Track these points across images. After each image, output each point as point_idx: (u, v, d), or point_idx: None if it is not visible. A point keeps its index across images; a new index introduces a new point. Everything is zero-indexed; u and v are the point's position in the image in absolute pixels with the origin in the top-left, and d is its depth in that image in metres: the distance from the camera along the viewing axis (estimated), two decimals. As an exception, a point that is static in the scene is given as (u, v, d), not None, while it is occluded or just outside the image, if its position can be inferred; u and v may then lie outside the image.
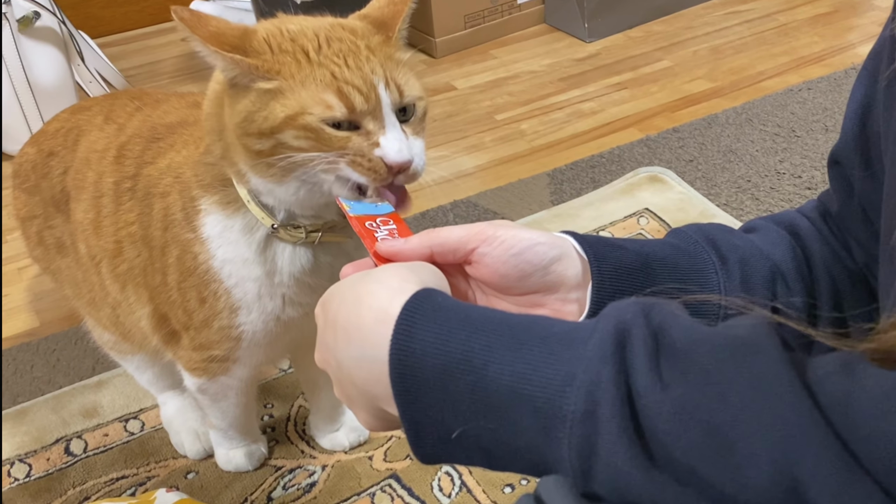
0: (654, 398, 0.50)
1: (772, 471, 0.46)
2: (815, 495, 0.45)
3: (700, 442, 0.48)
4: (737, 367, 0.50)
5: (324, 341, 0.64)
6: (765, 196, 1.83)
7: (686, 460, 0.48)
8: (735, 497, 0.47)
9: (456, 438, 0.55)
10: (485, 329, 0.56)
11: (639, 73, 2.40)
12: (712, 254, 0.73)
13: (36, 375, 1.51)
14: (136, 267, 1.07)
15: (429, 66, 2.50)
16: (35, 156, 1.22)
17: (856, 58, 2.37)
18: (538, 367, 0.53)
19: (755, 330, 0.52)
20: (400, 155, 0.82)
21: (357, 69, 0.82)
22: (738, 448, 0.47)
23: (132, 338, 1.20)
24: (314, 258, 0.98)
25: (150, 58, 2.64)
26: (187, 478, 1.32)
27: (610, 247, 0.70)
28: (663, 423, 0.49)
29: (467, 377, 0.54)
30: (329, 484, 1.29)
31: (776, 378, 0.48)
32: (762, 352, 0.50)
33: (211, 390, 1.15)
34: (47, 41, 2.11)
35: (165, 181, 1.02)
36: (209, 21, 0.83)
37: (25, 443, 1.37)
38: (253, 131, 0.83)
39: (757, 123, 2.10)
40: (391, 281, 0.60)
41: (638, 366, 0.51)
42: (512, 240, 0.67)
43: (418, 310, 0.57)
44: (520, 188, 1.93)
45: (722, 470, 0.47)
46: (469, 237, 0.67)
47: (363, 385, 0.59)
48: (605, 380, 0.51)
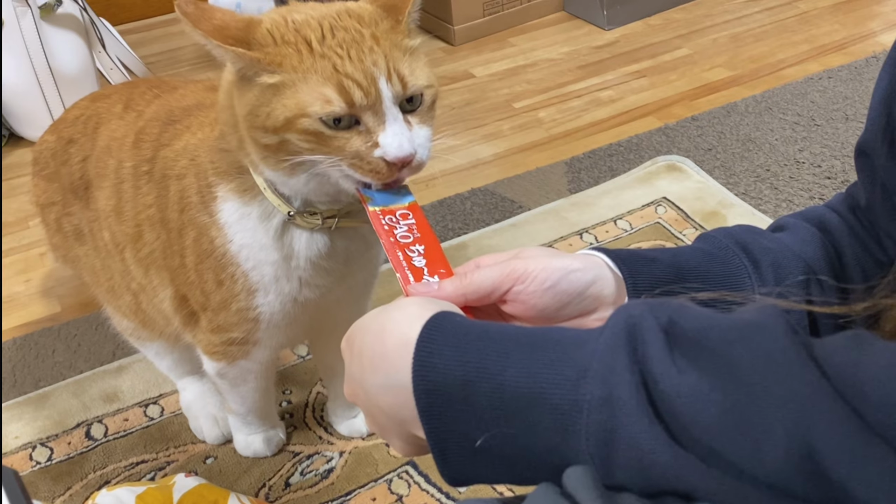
0: (671, 382, 0.51)
1: (787, 442, 0.47)
2: (830, 463, 0.46)
3: (717, 421, 0.49)
4: (746, 346, 0.50)
5: (351, 373, 0.66)
6: (784, 185, 1.83)
7: (707, 440, 0.49)
8: (755, 473, 0.48)
9: (480, 451, 0.56)
10: (501, 339, 0.57)
11: (658, 61, 2.39)
12: (744, 258, 0.73)
13: (57, 360, 1.52)
14: (157, 250, 1.08)
15: (447, 53, 2.50)
16: (55, 143, 1.23)
17: (877, 46, 2.35)
18: (553, 366, 0.54)
19: (761, 312, 0.53)
20: (401, 150, 0.81)
21: (359, 61, 0.81)
22: (754, 424, 0.48)
23: (152, 325, 1.21)
24: (331, 243, 0.98)
25: (170, 45, 2.65)
26: (206, 463, 1.33)
27: (643, 261, 0.71)
28: (681, 406, 0.50)
29: (486, 384, 0.55)
30: (346, 470, 1.30)
31: (784, 354, 0.49)
32: (769, 330, 0.51)
33: (230, 374, 1.16)
34: (69, 28, 2.12)
35: (181, 163, 1.03)
36: (213, 14, 0.83)
37: (47, 427, 1.39)
38: (258, 125, 0.84)
39: (776, 112, 2.09)
40: (411, 308, 0.62)
41: (651, 353, 0.52)
42: (544, 273, 0.67)
43: (437, 329, 0.59)
44: (537, 176, 1.92)
45: (740, 447, 0.48)
46: (502, 279, 0.67)
47: (391, 411, 0.61)
48: (620, 367, 0.52)
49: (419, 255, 0.75)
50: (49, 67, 2.06)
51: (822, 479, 0.46)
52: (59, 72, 2.08)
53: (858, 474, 0.45)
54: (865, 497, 0.45)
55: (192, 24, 0.81)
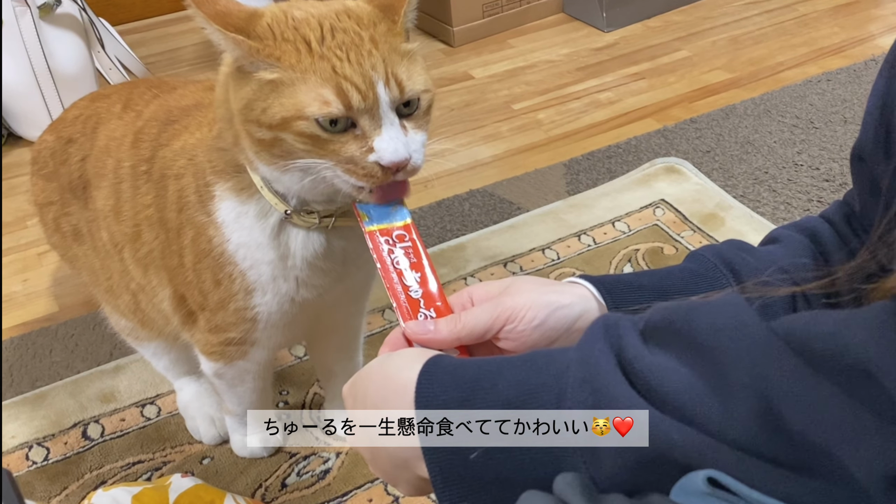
0: (644, 362, 0.55)
1: (749, 399, 0.50)
2: (788, 413, 0.49)
3: (688, 388, 0.52)
4: (705, 320, 0.54)
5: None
6: (782, 188, 1.83)
7: (682, 409, 0.52)
8: (728, 437, 0.50)
9: (479, 473, 0.59)
10: (494, 362, 0.62)
11: (657, 64, 2.39)
12: (730, 277, 0.74)
13: (55, 360, 1.52)
14: (156, 249, 1.08)
15: (446, 54, 2.50)
16: (54, 143, 1.23)
17: (876, 49, 2.35)
18: (540, 371, 0.58)
19: (724, 295, 0.57)
20: (396, 155, 0.82)
21: (358, 65, 0.81)
22: (720, 386, 0.51)
23: (151, 324, 1.21)
24: (327, 242, 0.98)
25: (169, 45, 2.65)
26: (202, 463, 1.33)
27: (628, 289, 0.74)
28: (655, 382, 0.54)
29: (481, 401, 0.59)
30: (343, 471, 1.30)
31: (738, 320, 0.53)
32: (727, 304, 0.55)
33: (228, 375, 1.16)
34: (68, 28, 2.12)
35: (180, 163, 1.03)
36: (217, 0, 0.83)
37: (44, 426, 1.39)
38: (253, 119, 0.84)
39: (775, 115, 2.09)
40: (411, 355, 0.66)
41: (626, 342, 0.56)
42: (532, 311, 0.70)
43: (435, 364, 0.63)
44: (536, 178, 1.92)
45: (712, 409, 0.51)
46: (493, 321, 0.71)
47: (394, 452, 0.64)
48: (597, 352, 0.56)
49: (416, 284, 0.77)
50: (48, 67, 2.06)
51: (784, 431, 0.49)
52: (57, 72, 2.08)
53: (813, 418, 0.48)
54: (822, 441, 0.48)
55: (195, 5, 0.81)
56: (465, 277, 1.64)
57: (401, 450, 0.62)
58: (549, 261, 1.67)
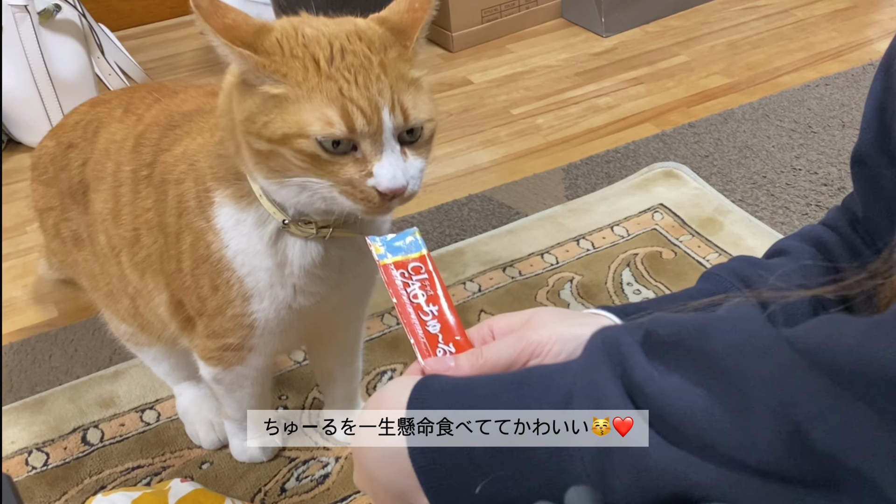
0: (654, 386, 0.52)
1: (774, 422, 0.47)
2: (816, 434, 0.46)
3: (705, 413, 0.50)
4: (720, 339, 0.52)
5: (356, 457, 0.68)
6: (780, 192, 1.83)
7: (699, 435, 0.50)
8: (749, 461, 0.48)
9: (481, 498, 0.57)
10: (487, 384, 0.60)
11: (655, 68, 2.39)
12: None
13: (54, 365, 1.53)
14: (154, 254, 1.08)
15: (445, 60, 2.50)
16: (54, 148, 1.23)
17: (874, 54, 2.36)
18: (539, 397, 0.56)
19: (733, 307, 0.55)
20: (394, 182, 0.82)
21: (365, 88, 0.80)
22: (740, 409, 0.49)
23: (150, 329, 1.21)
24: (325, 251, 0.98)
25: (169, 51, 2.65)
26: (202, 468, 1.33)
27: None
28: (668, 406, 0.51)
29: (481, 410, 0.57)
30: (342, 475, 1.30)
31: (756, 339, 0.51)
32: (740, 321, 0.53)
33: (226, 380, 1.16)
34: (68, 34, 2.12)
35: (180, 168, 1.03)
36: (226, 13, 0.82)
37: (43, 432, 1.39)
38: (253, 132, 0.84)
39: (773, 119, 2.09)
40: (402, 380, 0.65)
41: (631, 364, 0.53)
42: (558, 345, 0.66)
43: (425, 387, 0.62)
44: (535, 183, 1.93)
45: (731, 435, 0.49)
46: (517, 354, 0.67)
47: (390, 483, 0.62)
48: (601, 380, 0.54)
49: (433, 318, 0.73)
50: (48, 73, 2.07)
51: (812, 453, 0.47)
52: (57, 77, 2.09)
53: (843, 441, 0.46)
54: (854, 463, 0.46)
55: (203, 18, 0.81)
56: (464, 282, 1.64)
57: (396, 477, 0.61)
58: (547, 265, 1.67)
